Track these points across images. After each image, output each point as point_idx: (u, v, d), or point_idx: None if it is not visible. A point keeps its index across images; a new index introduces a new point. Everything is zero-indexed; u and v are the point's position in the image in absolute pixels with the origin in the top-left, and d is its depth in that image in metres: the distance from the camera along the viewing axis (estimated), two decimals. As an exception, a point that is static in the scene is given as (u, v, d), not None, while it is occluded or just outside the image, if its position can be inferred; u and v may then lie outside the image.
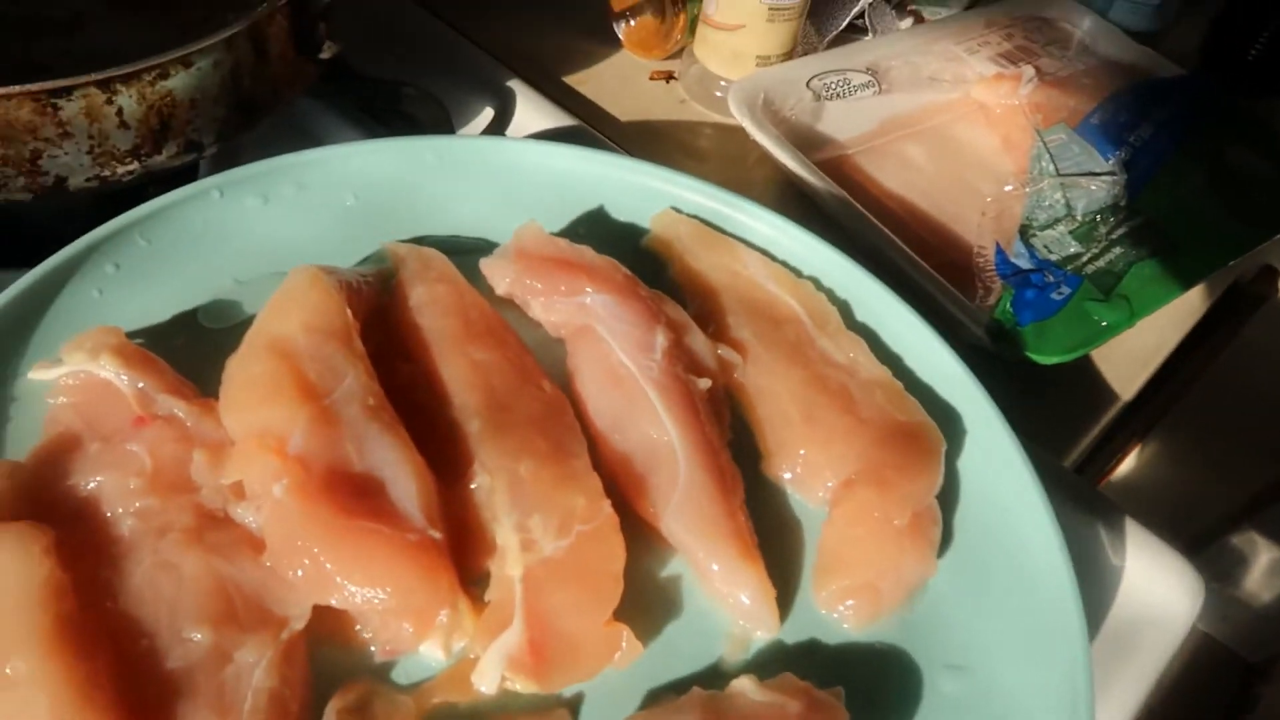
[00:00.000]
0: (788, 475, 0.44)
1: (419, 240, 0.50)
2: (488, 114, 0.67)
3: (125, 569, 0.36)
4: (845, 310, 0.51)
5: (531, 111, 0.68)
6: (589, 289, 0.46)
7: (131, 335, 0.44)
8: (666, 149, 0.72)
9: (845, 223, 0.61)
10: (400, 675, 0.37)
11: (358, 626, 0.37)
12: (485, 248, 0.51)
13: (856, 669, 0.39)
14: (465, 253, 0.50)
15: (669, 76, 0.76)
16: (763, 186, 0.70)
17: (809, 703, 0.36)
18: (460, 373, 0.43)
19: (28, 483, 0.37)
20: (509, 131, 0.67)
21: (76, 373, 0.40)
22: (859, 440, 0.44)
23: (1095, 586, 0.48)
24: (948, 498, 0.44)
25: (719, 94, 0.73)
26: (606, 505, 0.39)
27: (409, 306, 0.46)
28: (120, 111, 0.47)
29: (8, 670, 0.32)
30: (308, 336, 0.41)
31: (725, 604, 0.39)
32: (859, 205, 0.61)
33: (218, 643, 0.34)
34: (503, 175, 0.53)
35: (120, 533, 0.37)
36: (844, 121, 0.69)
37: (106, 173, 0.49)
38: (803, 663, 0.38)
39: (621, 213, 0.54)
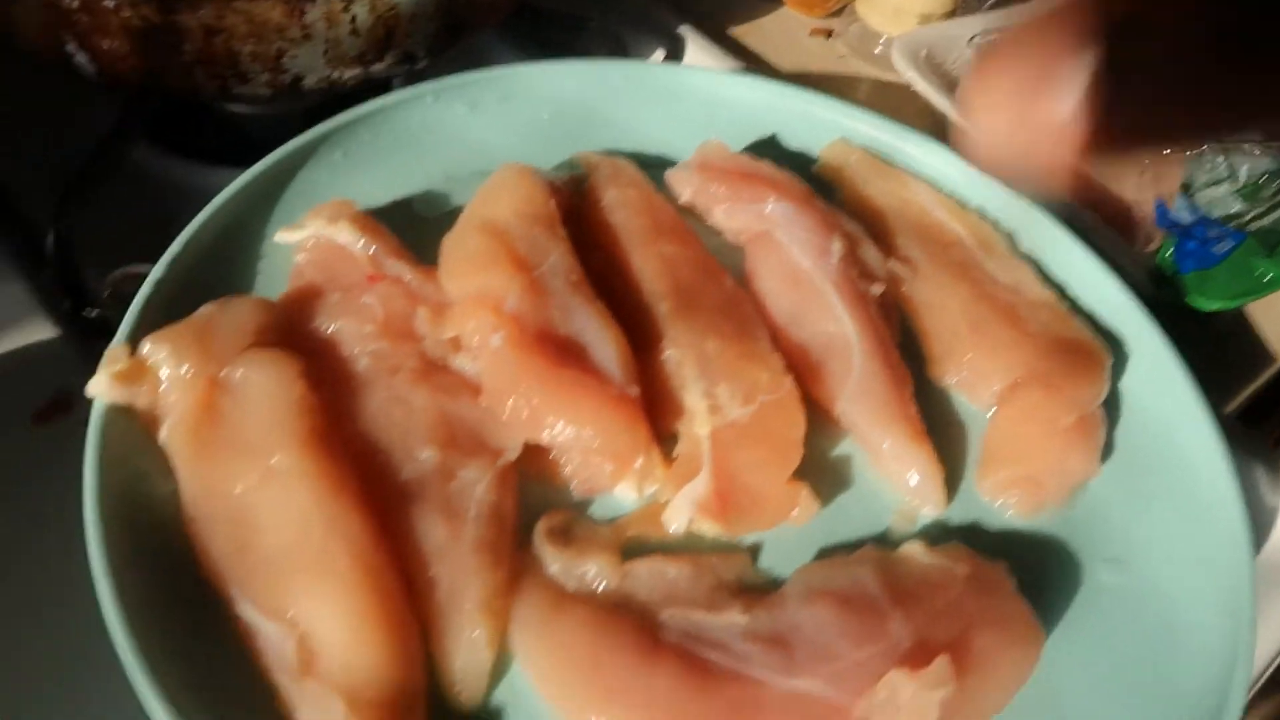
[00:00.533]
0: (953, 380, 0.46)
1: (608, 154, 0.54)
2: (658, 55, 0.71)
3: (362, 399, 0.40)
4: (1010, 239, 0.53)
5: (700, 56, 0.71)
6: (770, 198, 0.49)
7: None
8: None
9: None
10: (597, 510, 0.40)
11: (562, 466, 0.40)
12: (666, 165, 0.55)
13: (1017, 552, 0.41)
14: (648, 168, 0.54)
15: (828, 34, 0.79)
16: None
17: (977, 569, 0.38)
18: (650, 264, 0.47)
19: (279, 319, 0.42)
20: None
21: (317, 236, 0.45)
22: (1025, 350, 0.46)
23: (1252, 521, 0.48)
24: (1111, 411, 0.45)
25: (878, 50, 0.75)
26: (789, 380, 0.42)
27: (602, 206, 0.50)
28: (354, 20, 0.52)
29: (271, 462, 0.36)
30: (517, 220, 0.46)
31: (895, 481, 0.42)
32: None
33: (444, 461, 0.38)
34: (683, 100, 0.57)
35: (356, 370, 0.41)
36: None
37: (335, 75, 0.54)
38: (966, 540, 0.41)
39: (793, 141, 0.57)
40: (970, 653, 0.34)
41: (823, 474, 0.42)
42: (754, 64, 0.76)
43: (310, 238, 0.45)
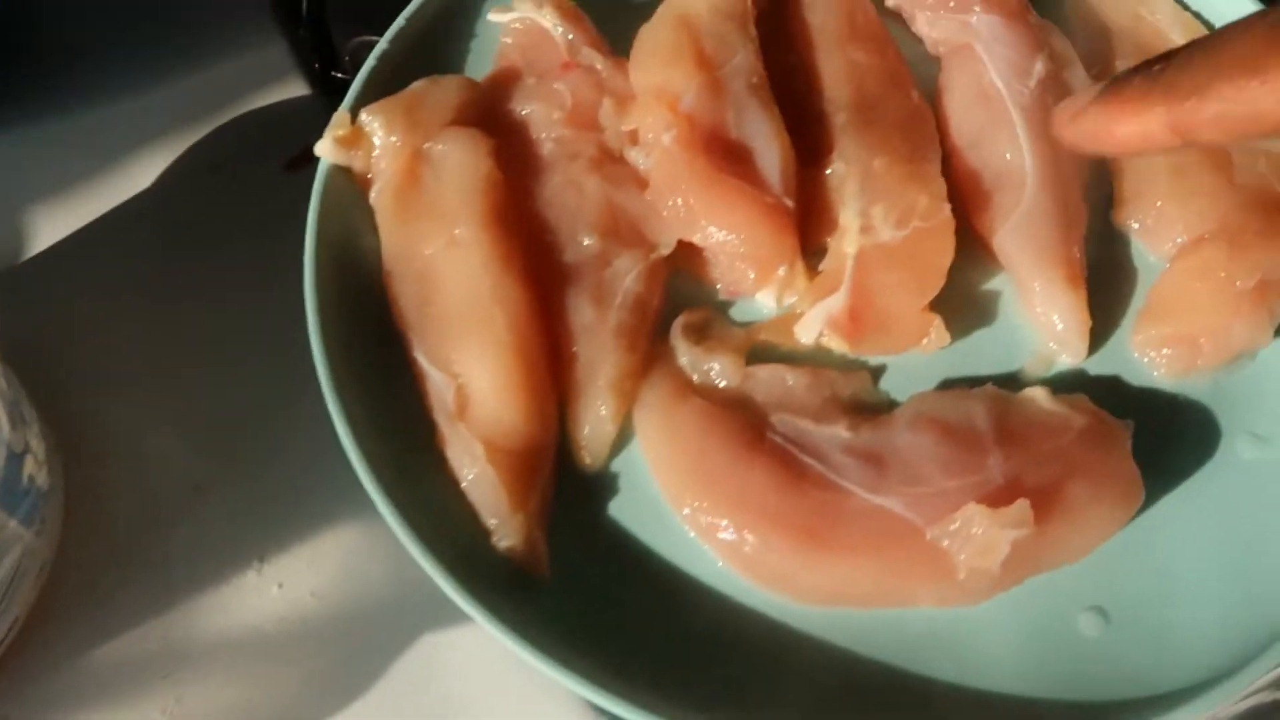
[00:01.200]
0: (1136, 225, 0.44)
1: (823, -56, 0.52)
2: None
3: (542, 180, 0.44)
4: (1255, 73, 0.47)
5: None
6: (977, 8, 0.46)
7: (566, -3, 0.51)
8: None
9: None
10: (736, 313, 0.43)
11: (710, 266, 0.43)
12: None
13: (1155, 413, 0.40)
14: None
15: None
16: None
17: (1096, 423, 0.38)
18: (837, 69, 0.46)
19: (479, 99, 0.46)
20: None
21: (523, 19, 0.48)
22: (1224, 201, 0.42)
23: None
24: (1306, 282, 0.42)
25: None
26: (947, 208, 0.42)
27: (801, 3, 0.49)
28: None
29: (455, 232, 0.42)
30: (711, 15, 0.46)
31: (1038, 324, 0.42)
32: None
33: (603, 249, 0.42)
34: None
35: (541, 152, 0.45)
36: None
37: None
38: (1101, 394, 0.40)
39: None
40: (1058, 500, 0.36)
41: (968, 306, 0.43)
42: None
43: (517, 20, 0.48)
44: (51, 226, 0.52)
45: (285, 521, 0.45)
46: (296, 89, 0.58)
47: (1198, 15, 0.49)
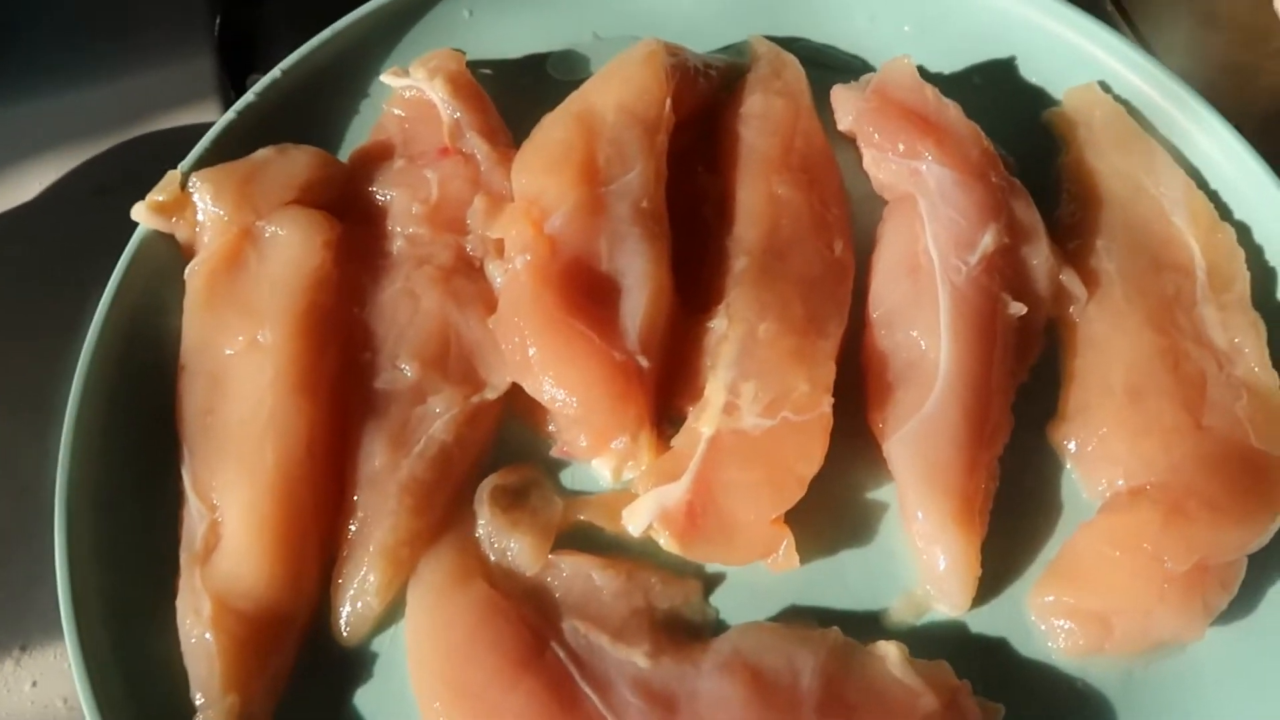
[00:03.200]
0: (1073, 448, 0.36)
1: (791, 42, 0.45)
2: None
3: (380, 282, 0.38)
4: (1267, 281, 0.39)
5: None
6: (929, 156, 0.39)
7: (481, 64, 0.45)
8: (1173, 5, 0.57)
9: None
10: (567, 478, 0.37)
11: (548, 418, 0.37)
12: (857, 69, 0.45)
13: (1037, 697, 0.33)
14: (834, 69, 0.45)
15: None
16: (1273, 86, 0.54)
17: (950, 707, 0.31)
18: (755, 202, 0.39)
19: (338, 176, 0.40)
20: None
21: (413, 88, 0.42)
22: (1181, 446, 0.34)
23: None
24: (1269, 566, 0.33)
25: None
26: (827, 402, 0.34)
27: (739, 113, 0.42)
28: None
29: (259, 336, 0.36)
30: (617, 116, 0.40)
31: (919, 558, 0.34)
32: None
33: (420, 382, 0.36)
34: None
35: (390, 249, 0.39)
36: None
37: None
38: (975, 658, 0.33)
39: (1034, 72, 0.44)
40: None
41: (840, 515, 0.36)
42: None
43: (406, 88, 0.42)
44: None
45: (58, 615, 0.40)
46: (210, 113, 0.53)
47: (1214, 195, 0.41)
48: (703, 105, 0.43)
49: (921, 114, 0.40)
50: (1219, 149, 0.41)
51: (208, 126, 0.52)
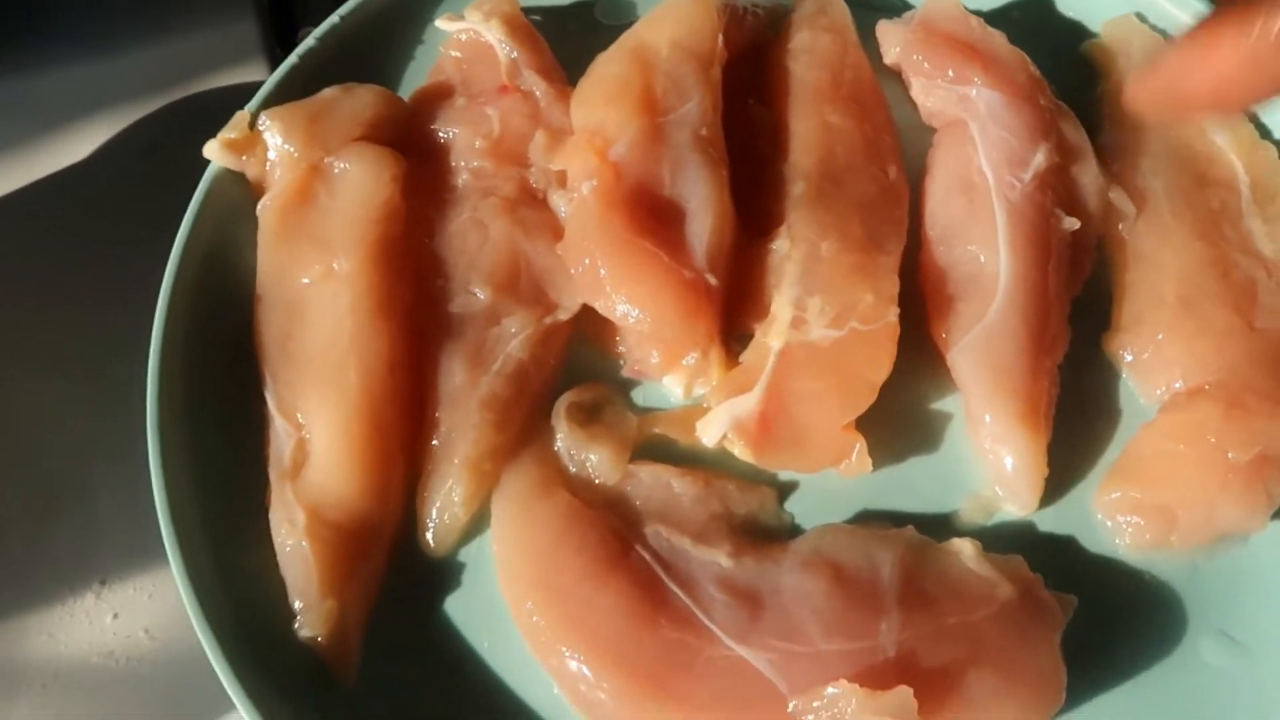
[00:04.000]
0: (1129, 357, 0.37)
1: (839, -21, 0.46)
2: None
3: (447, 214, 0.39)
4: (1307, 195, 0.40)
5: None
6: (978, 80, 0.40)
7: (531, 10, 0.45)
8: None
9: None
10: (638, 396, 0.38)
11: (618, 339, 0.38)
12: (898, 8, 0.46)
13: (1109, 591, 0.34)
14: (875, 8, 0.46)
15: None
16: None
17: (1026, 596, 0.32)
18: (808, 130, 0.40)
19: (402, 115, 0.41)
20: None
21: (470, 30, 0.43)
22: (1235, 347, 0.35)
23: None
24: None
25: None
26: (893, 312, 0.35)
27: (788, 48, 0.43)
28: None
29: (335, 264, 0.37)
30: (671, 51, 0.41)
31: (986, 462, 0.35)
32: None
33: (494, 305, 0.37)
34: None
35: (455, 183, 0.40)
36: None
37: None
38: (1045, 557, 0.34)
39: (1072, 6, 0.45)
40: (953, 690, 0.29)
41: (908, 424, 0.37)
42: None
43: (462, 31, 0.43)
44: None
45: (135, 549, 0.41)
46: (257, 73, 0.53)
47: (1253, 116, 0.42)
48: (751, 43, 0.44)
49: (968, 42, 0.41)
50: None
51: (256, 85, 0.53)
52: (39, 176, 0.50)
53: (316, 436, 0.34)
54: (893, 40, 0.43)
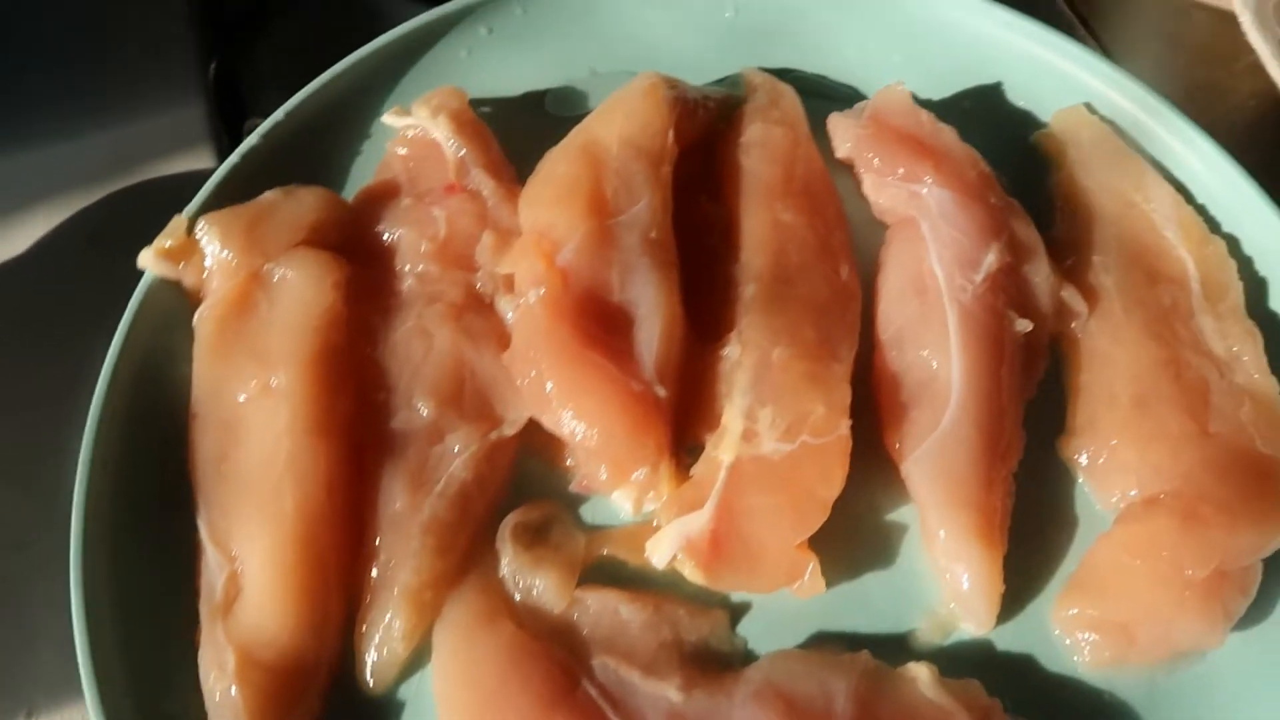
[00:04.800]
0: (1084, 461, 0.37)
1: (783, 73, 0.46)
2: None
3: (391, 321, 0.38)
4: (1258, 291, 0.40)
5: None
6: (929, 179, 0.40)
7: (480, 103, 0.45)
8: (1135, 24, 0.59)
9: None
10: (588, 512, 0.37)
11: (566, 452, 0.37)
12: (850, 98, 0.46)
13: (1066, 711, 0.33)
14: (826, 98, 0.45)
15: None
16: (1241, 105, 0.56)
17: (986, 724, 0.31)
18: (760, 228, 0.40)
19: (345, 218, 0.40)
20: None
21: (416, 127, 0.42)
22: (1190, 453, 0.35)
23: None
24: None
25: (1232, -31, 0.58)
26: (845, 425, 0.35)
27: (739, 141, 0.42)
28: None
29: (271, 381, 0.36)
30: (621, 148, 0.40)
31: (942, 578, 0.34)
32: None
33: (437, 420, 0.36)
34: (901, 20, 0.46)
35: (400, 288, 0.39)
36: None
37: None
38: (1002, 676, 0.33)
39: (1022, 96, 0.45)
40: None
41: (861, 539, 0.36)
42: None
43: (409, 127, 0.42)
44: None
45: (67, 678, 0.39)
46: (204, 160, 0.52)
47: (1202, 209, 0.42)
48: (702, 136, 0.43)
49: (918, 138, 0.40)
50: (1204, 164, 0.42)
51: (202, 173, 0.52)
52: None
53: (250, 569, 0.33)
54: (844, 135, 0.42)
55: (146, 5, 0.56)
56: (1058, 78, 0.44)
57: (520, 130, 0.44)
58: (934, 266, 0.38)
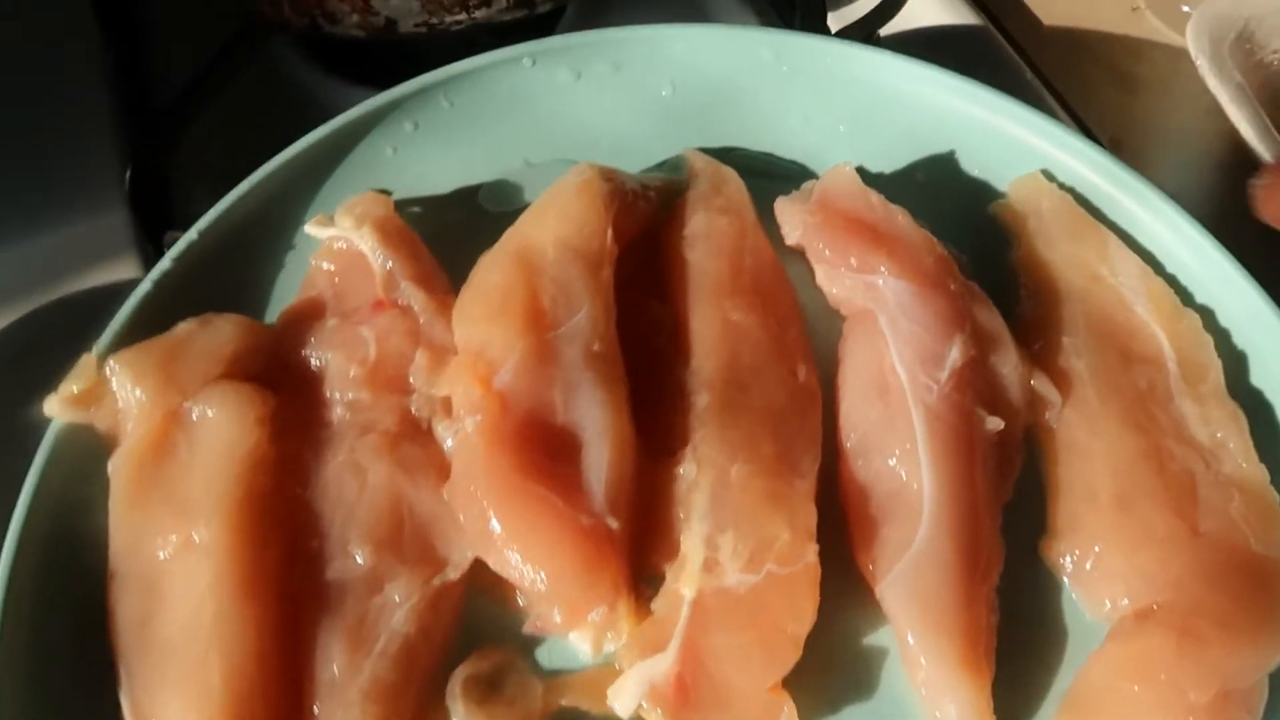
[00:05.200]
0: (1069, 565, 0.35)
1: (727, 152, 0.44)
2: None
3: (323, 456, 0.36)
4: (1238, 367, 0.38)
5: (929, 3, 0.56)
6: (883, 269, 0.37)
7: (409, 203, 0.43)
8: (1091, 70, 0.58)
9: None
10: (544, 655, 0.34)
11: (518, 593, 0.34)
12: (798, 175, 0.44)
13: None
14: (773, 177, 0.43)
15: (1122, -24, 0.60)
16: (1203, 149, 0.54)
17: None
18: (709, 330, 0.38)
19: (267, 344, 0.38)
20: (896, 22, 0.56)
21: (340, 238, 0.40)
22: (1181, 558, 0.33)
23: None
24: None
25: (1186, 8, 0.57)
26: (812, 551, 0.32)
27: (683, 234, 0.40)
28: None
29: (193, 535, 0.33)
30: (557, 252, 0.38)
31: (928, 710, 0.32)
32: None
33: (375, 568, 0.33)
34: (845, 90, 0.44)
35: (330, 418, 0.37)
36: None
37: (434, 20, 0.47)
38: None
39: (977, 165, 0.44)
40: None
41: (839, 668, 0.34)
42: (1007, 9, 0.60)
43: (333, 238, 0.40)
44: None
45: None
46: (129, 269, 0.50)
47: (1173, 280, 0.40)
48: (644, 229, 0.41)
49: (870, 224, 0.39)
50: (1171, 232, 0.40)
51: (124, 283, 0.49)
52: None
53: (176, 753, 0.30)
54: (793, 221, 0.40)
55: (65, 102, 0.54)
56: (1011, 143, 0.43)
57: (454, 229, 0.42)
58: (895, 365, 0.36)
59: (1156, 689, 0.30)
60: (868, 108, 0.44)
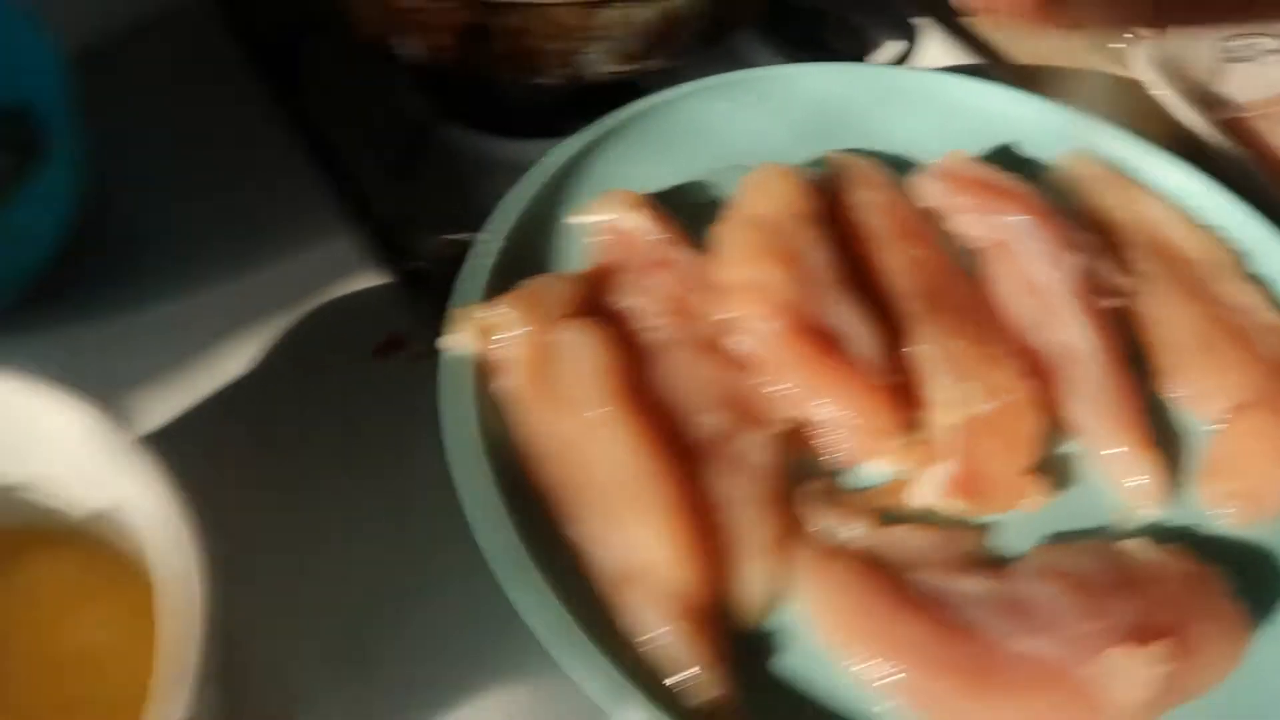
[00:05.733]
0: (1178, 395, 0.50)
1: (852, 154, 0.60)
2: (897, 47, 0.75)
3: (655, 366, 0.48)
4: (1242, 261, 0.56)
5: (935, 48, 0.75)
6: (1012, 210, 0.54)
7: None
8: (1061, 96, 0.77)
9: (1240, 184, 0.64)
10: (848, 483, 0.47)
11: (817, 440, 0.47)
12: (903, 167, 0.60)
13: (1233, 556, 0.45)
14: (897, 166, 0.59)
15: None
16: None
17: (1194, 569, 0.43)
18: (899, 264, 0.52)
19: (584, 294, 0.50)
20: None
21: (610, 220, 0.52)
22: (1253, 372, 0.49)
23: None
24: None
25: (1121, 46, 0.77)
26: (1024, 385, 0.47)
27: (853, 206, 0.55)
28: (644, 20, 0.59)
29: (591, 415, 0.44)
30: (781, 216, 0.52)
31: (1118, 484, 0.47)
32: (1257, 167, 0.64)
33: (725, 426, 0.45)
34: (926, 104, 0.62)
35: (649, 340, 0.49)
36: (1246, 84, 0.72)
37: (609, 69, 0.61)
38: (1182, 543, 0.45)
39: (1032, 150, 0.61)
40: (1183, 640, 0.39)
41: (1050, 469, 0.48)
42: (989, 56, 0.79)
43: (603, 221, 0.53)
44: (146, 416, 0.51)
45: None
46: (365, 280, 0.59)
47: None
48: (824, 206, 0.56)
49: (992, 182, 0.55)
50: (1176, 177, 0.58)
51: (373, 289, 0.59)
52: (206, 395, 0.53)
53: (644, 552, 0.40)
54: (929, 189, 0.56)
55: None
56: (1058, 135, 0.60)
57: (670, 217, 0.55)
58: (1037, 272, 0.51)
59: (1265, 441, 0.46)
60: (942, 115, 0.61)
